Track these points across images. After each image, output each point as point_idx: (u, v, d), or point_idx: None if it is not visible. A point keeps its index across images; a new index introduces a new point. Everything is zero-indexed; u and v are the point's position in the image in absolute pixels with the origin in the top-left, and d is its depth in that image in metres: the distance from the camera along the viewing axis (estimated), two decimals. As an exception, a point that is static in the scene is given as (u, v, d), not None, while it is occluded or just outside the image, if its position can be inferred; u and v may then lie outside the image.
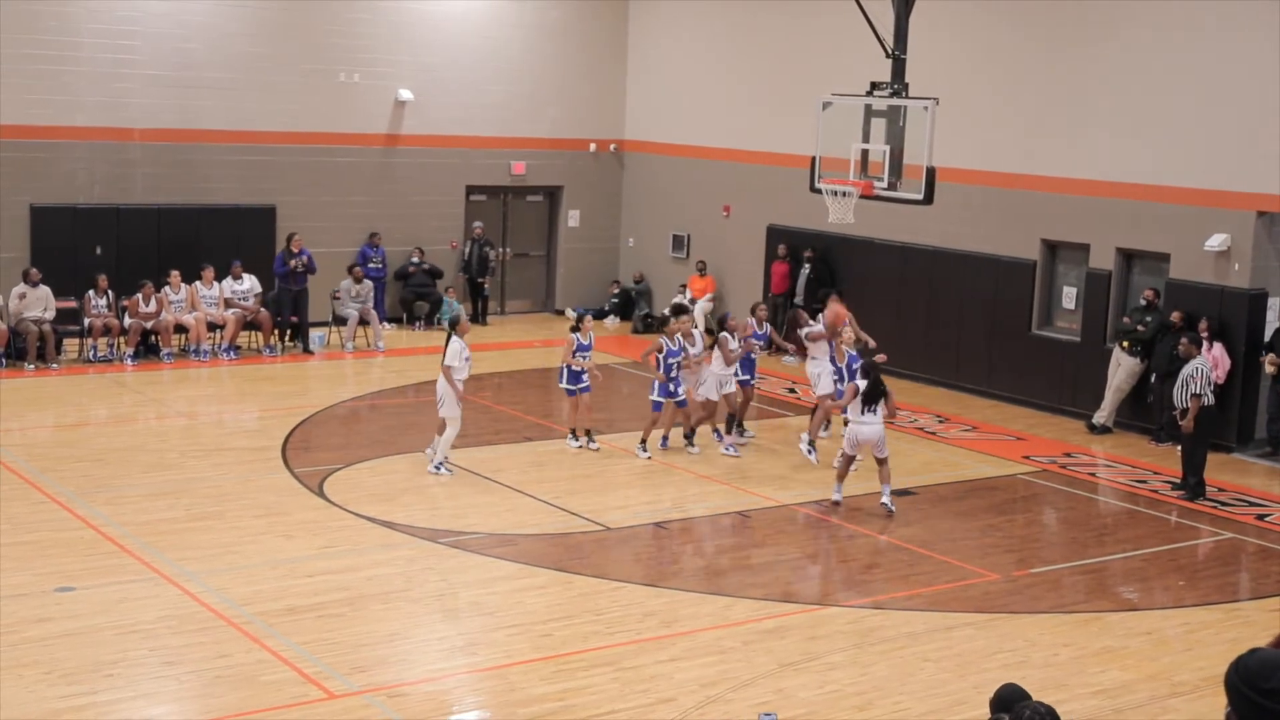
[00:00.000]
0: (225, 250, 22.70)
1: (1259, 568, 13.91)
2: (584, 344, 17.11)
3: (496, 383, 21.32)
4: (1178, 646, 11.52)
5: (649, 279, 26.75)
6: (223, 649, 10.59)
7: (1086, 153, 19.53)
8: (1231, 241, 18.02)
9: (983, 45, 20.87)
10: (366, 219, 24.67)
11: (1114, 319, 19.51)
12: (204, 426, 18.05)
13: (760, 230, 24.44)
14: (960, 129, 19.21)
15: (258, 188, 23.75)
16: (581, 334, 17.16)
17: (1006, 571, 13.28)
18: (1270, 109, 17.35)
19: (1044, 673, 10.71)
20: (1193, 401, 15.57)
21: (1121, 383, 18.93)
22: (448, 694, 10.17)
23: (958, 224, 20.89)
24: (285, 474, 15.63)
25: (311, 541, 13.29)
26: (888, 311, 21.35)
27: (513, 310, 27.17)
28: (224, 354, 21.79)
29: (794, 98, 22.34)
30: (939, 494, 15.86)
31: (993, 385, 20.86)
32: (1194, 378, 15.67)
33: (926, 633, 11.60)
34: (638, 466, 16.02)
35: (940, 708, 10.06)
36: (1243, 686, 4.09)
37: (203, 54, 23.14)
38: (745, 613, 11.89)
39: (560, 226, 27.26)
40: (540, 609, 11.79)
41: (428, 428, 17.99)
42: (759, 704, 9.94)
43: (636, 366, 22.38)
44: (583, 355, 17.05)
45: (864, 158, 16.62)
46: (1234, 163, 17.91)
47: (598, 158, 27.12)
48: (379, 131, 24.84)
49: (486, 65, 25.64)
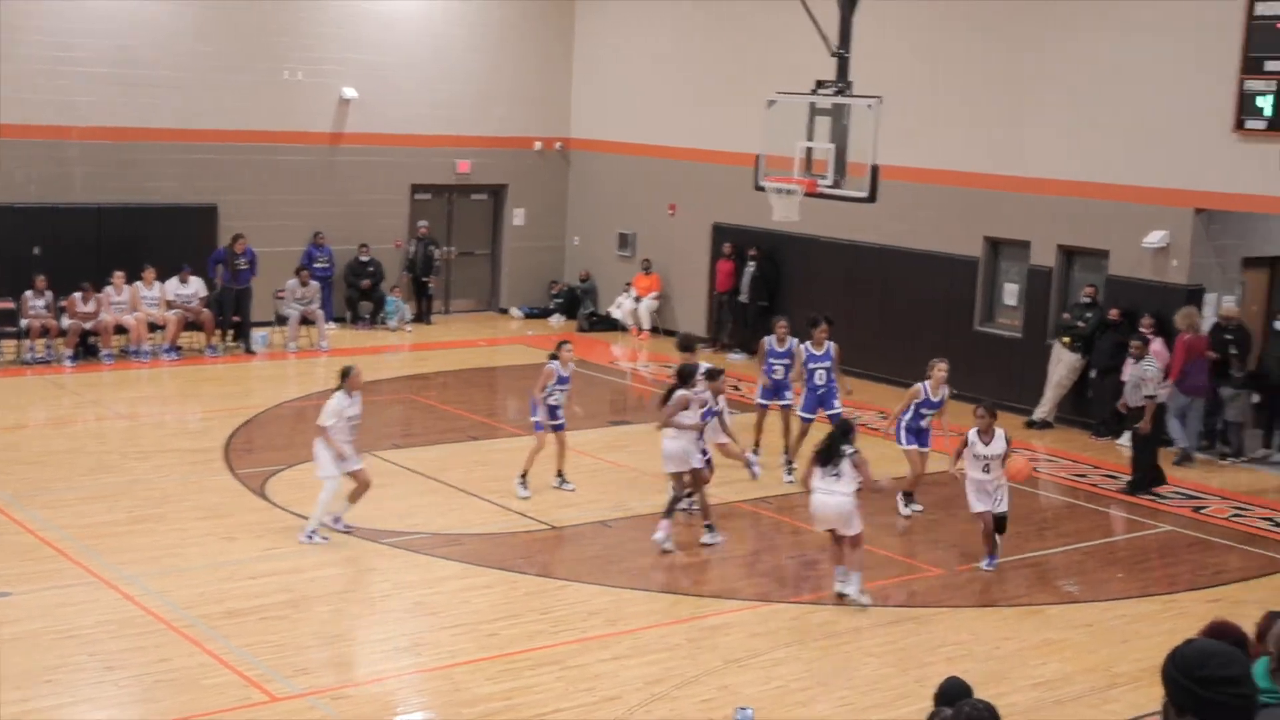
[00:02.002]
0: (167, 250, 22.47)
1: (1196, 560, 14.09)
2: (564, 375, 14.87)
3: (441, 382, 21.24)
4: (1116, 638, 11.65)
5: (594, 277, 26.73)
6: (164, 653, 10.49)
7: (1028, 151, 19.70)
8: (1170, 238, 18.23)
9: (926, 44, 21.01)
10: (311, 218, 24.50)
11: (1055, 315, 19.69)
12: (145, 428, 17.87)
13: (705, 228, 24.48)
14: (904, 127, 19.32)
15: (200, 186, 23.53)
16: (561, 364, 14.86)
17: (949, 566, 13.38)
18: (1208, 108, 17.56)
19: (986, 666, 10.79)
20: (1148, 403, 15.69)
21: (1062, 378, 19.11)
22: (392, 695, 10.12)
23: (901, 222, 21.01)
24: (227, 475, 15.50)
25: (254, 543, 13.18)
26: (832, 309, 21.36)
27: (457, 309, 27.07)
28: (165, 355, 21.57)
29: (739, 96, 22.39)
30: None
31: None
32: (1146, 379, 15.80)
33: (870, 627, 11.66)
34: (583, 466, 16.00)
35: (884, 701, 10.12)
36: (1179, 676, 4.15)
37: (145, 51, 22.88)
38: (690, 610, 11.92)
39: (505, 225, 27.19)
40: (485, 609, 11.76)
41: (372, 428, 17.89)
42: (704, 701, 9.97)
43: (584, 365, 22.37)
44: (561, 389, 14.92)
45: (808, 156, 16.67)
46: (1172, 160, 18.13)
47: (543, 156, 27.07)
48: (323, 130, 24.67)
49: (431, 63, 25.53)
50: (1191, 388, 17.45)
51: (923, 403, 14.58)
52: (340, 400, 13.32)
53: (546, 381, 14.76)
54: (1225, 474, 17.14)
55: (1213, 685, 4.09)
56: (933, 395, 14.53)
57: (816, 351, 15.90)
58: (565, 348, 14.95)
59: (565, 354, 14.87)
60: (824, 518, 12.04)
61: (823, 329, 15.89)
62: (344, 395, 13.36)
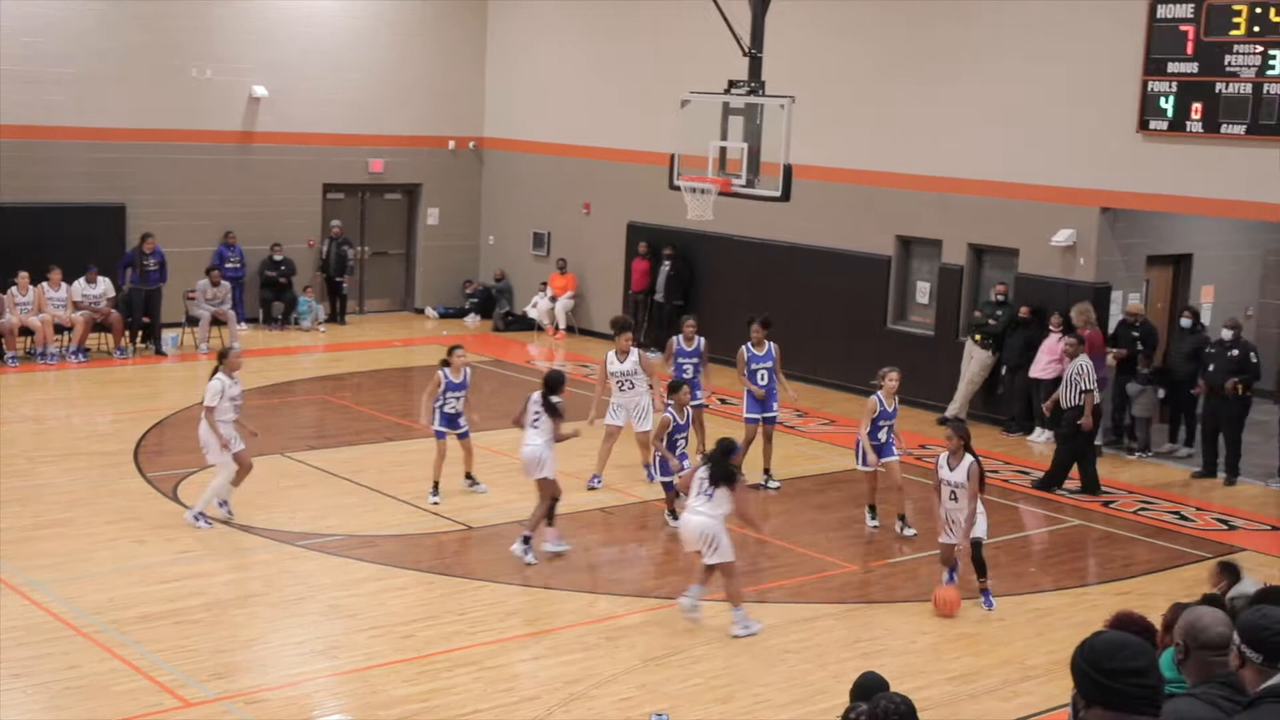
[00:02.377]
0: (73, 250, 22.04)
1: (1105, 553, 14.34)
2: (455, 382, 14.56)
3: (356, 383, 21.07)
4: (1028, 631, 11.83)
5: (510, 277, 26.65)
6: (72, 659, 10.31)
7: (939, 150, 19.93)
8: (1077, 237, 18.54)
9: (838, 45, 21.18)
10: (221, 218, 24.18)
11: (966, 313, 19.95)
12: (52, 431, 17.55)
13: (621, 227, 24.51)
14: (817, 127, 19.45)
15: (108, 186, 23.12)
16: (452, 371, 14.53)
17: (865, 562, 13.51)
18: (1113, 108, 17.88)
19: (901, 660, 10.92)
20: (1085, 398, 15.86)
21: (974, 375, 19.37)
22: (308, 698, 10.03)
23: (815, 221, 21.17)
24: (138, 479, 15.27)
25: (166, 547, 13.00)
26: (747, 307, 21.50)
27: (372, 309, 26.87)
28: (72, 357, 21.19)
29: (653, 95, 22.43)
30: (798, 487, 16.06)
31: (850, 379, 21.15)
32: (1080, 375, 15.98)
33: (787, 624, 11.75)
34: (499, 465, 15.94)
35: (801, 697, 10.20)
36: (1086, 667, 4.23)
37: (50, 48, 22.44)
38: (608, 608, 11.94)
39: (419, 224, 27.03)
40: (402, 610, 11.69)
41: (285, 430, 17.74)
42: (622, 699, 9.99)
43: (500, 365, 22.31)
44: (456, 395, 14.60)
45: (722, 155, 16.74)
46: (1079, 160, 18.44)
47: (457, 155, 26.95)
48: (233, 128, 24.36)
49: (342, 61, 25.31)
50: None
51: (879, 415, 14.19)
52: (222, 381, 13.48)
53: (435, 389, 14.53)
54: (1132, 469, 17.46)
55: (1120, 676, 4.17)
56: (887, 405, 14.21)
57: (758, 352, 15.69)
58: (456, 353, 14.64)
59: (456, 359, 14.56)
60: (688, 539, 11.41)
61: (757, 329, 15.69)
62: (224, 376, 13.53)
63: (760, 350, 15.71)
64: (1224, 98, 16.71)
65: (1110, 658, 4.19)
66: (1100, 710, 4.21)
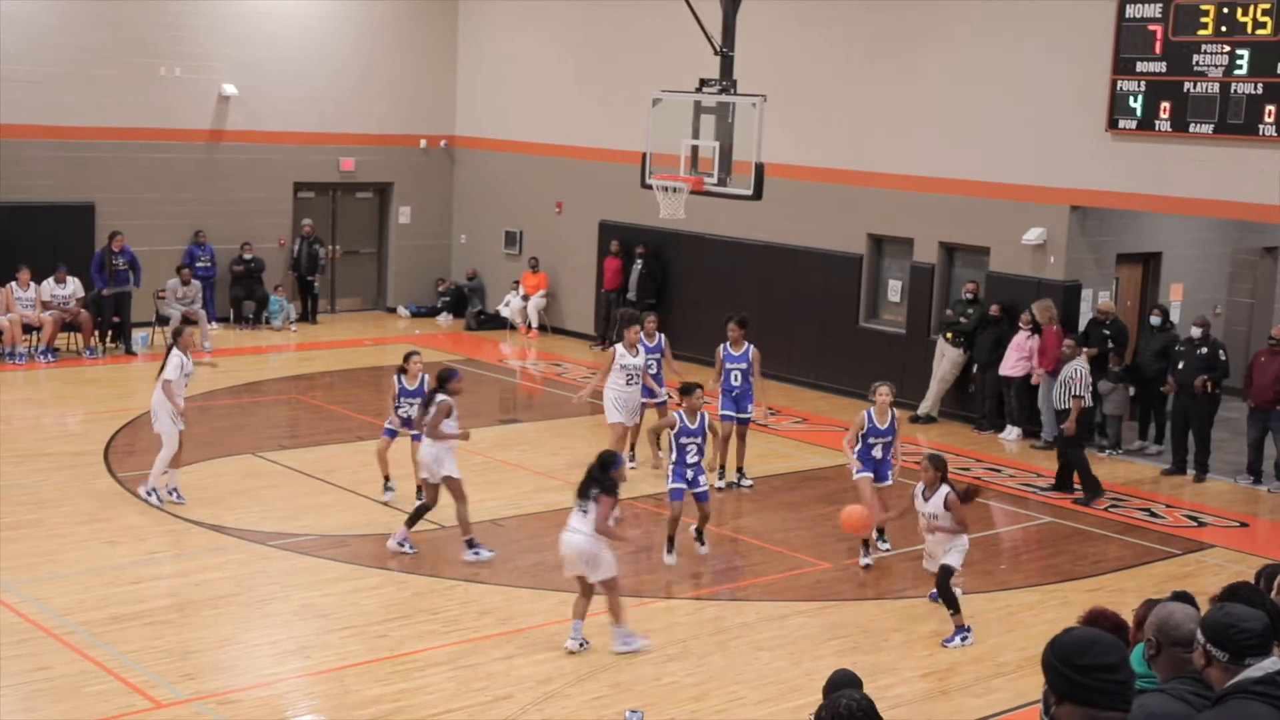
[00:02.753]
0: (41, 249, 21.93)
1: (1076, 550, 14.41)
2: (409, 389, 14.23)
3: (328, 381, 21.01)
4: (1000, 628, 11.88)
5: (482, 275, 26.61)
6: (42, 660, 10.26)
7: (910, 150, 20.00)
8: (1047, 235, 18.63)
9: (809, 44, 21.22)
10: (191, 217, 24.07)
11: (938, 311, 20.03)
12: (20, 431, 17.41)
13: (593, 226, 24.50)
14: (788, 126, 19.51)
15: (76, 185, 22.99)
16: (408, 377, 14.27)
17: (838, 560, 13.53)
18: (1082, 107, 17.97)
19: (874, 657, 10.95)
20: (1074, 403, 15.72)
21: (945, 373, 19.45)
22: (281, 699, 10.00)
23: (787, 219, 21.21)
24: (108, 479, 15.19)
25: (137, 547, 12.94)
26: (719, 306, 21.55)
27: (343, 308, 26.79)
28: (41, 356, 21.06)
29: (625, 94, 22.43)
30: (771, 485, 16.09)
31: (822, 377, 21.23)
32: (1073, 379, 15.86)
33: (760, 622, 11.77)
34: (473, 464, 15.91)
35: (775, 695, 10.22)
36: (1057, 663, 4.26)
37: (14, 46, 22.29)
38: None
39: (391, 223, 26.96)
40: (375, 610, 11.66)
41: (256, 429, 17.69)
42: (596, 698, 9.99)
43: (473, 364, 22.27)
44: (409, 401, 14.13)
45: (694, 154, 16.74)
46: (1049, 159, 18.53)
47: (428, 154, 26.89)
48: (202, 127, 24.24)
49: (313, 60, 25.22)
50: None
51: (868, 431, 13.28)
52: (178, 356, 14.19)
53: (390, 396, 14.34)
54: (1103, 466, 17.53)
55: (1091, 673, 4.20)
56: (878, 422, 13.25)
57: (734, 352, 15.59)
58: (413, 359, 14.36)
59: (413, 366, 14.28)
60: (567, 559, 10.79)
61: (734, 328, 15.58)
62: (180, 353, 14.24)
63: (737, 350, 15.66)
64: (1192, 97, 16.82)
65: (1081, 654, 4.23)
66: (1071, 706, 4.24)
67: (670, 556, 13.07)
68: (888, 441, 13.36)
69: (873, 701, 5.92)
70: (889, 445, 13.40)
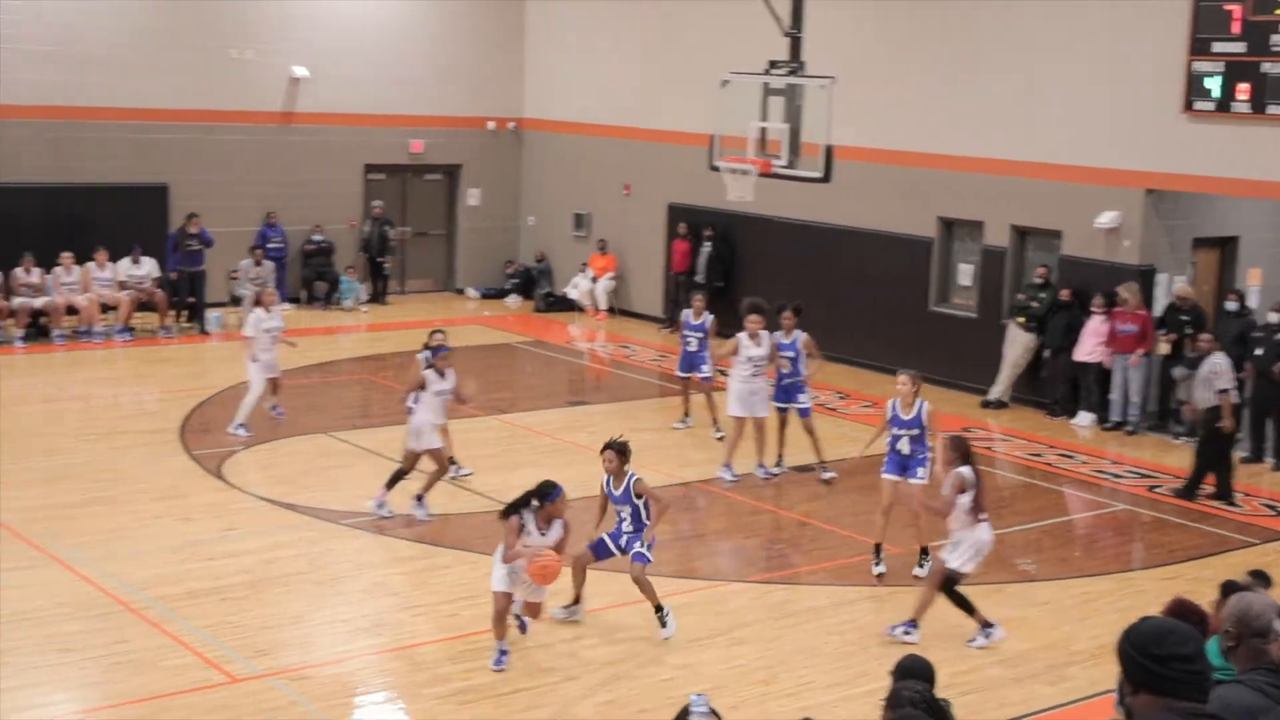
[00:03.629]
0: (117, 230, 22.27)
1: (1151, 538, 14.26)
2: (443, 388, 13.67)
3: (398, 362, 21.13)
4: (1074, 616, 11.77)
5: (550, 258, 26.69)
6: (121, 634, 10.44)
7: (982, 131, 19.80)
8: (1121, 219, 18.39)
9: (879, 24, 21.06)
10: (263, 198, 24.32)
11: (1009, 295, 19.84)
12: (99, 409, 17.72)
13: (661, 208, 24.48)
14: (858, 107, 19.37)
15: (149, 166, 23.30)
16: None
17: (908, 545, 13.45)
18: (1157, 89, 17.71)
19: (946, 644, 10.88)
20: (1222, 399, 15.20)
21: (1017, 358, 19.27)
22: (352, 676, 10.11)
23: (856, 202, 21.09)
24: (184, 456, 15.41)
25: (212, 524, 13.12)
26: (787, 289, 21.49)
27: (413, 289, 26.97)
28: (118, 335, 21.40)
29: (693, 76, 22.37)
30: (841, 470, 16.01)
31: (891, 361, 20.98)
32: (1217, 374, 15.35)
33: (830, 606, 11.74)
34: (540, 445, 16.00)
35: (844, 680, 10.20)
36: (1133, 652, 4.22)
37: (90, 29, 22.62)
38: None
39: (460, 205, 27.09)
40: (445, 589, 11.75)
41: (328, 409, 17.88)
42: (663, 680, 10.02)
43: (541, 345, 22.37)
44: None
45: (762, 136, 16.70)
46: (1124, 141, 18.28)
47: (497, 136, 26.97)
48: (273, 109, 24.46)
49: (384, 42, 25.37)
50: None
51: (892, 420, 12.54)
52: (259, 314, 16.32)
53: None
54: (1178, 452, 17.32)
55: (1168, 662, 4.17)
56: (901, 413, 12.47)
57: (785, 340, 15.37)
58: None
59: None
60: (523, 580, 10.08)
61: (789, 316, 15.30)
62: (262, 310, 16.35)
63: (787, 339, 15.43)
64: (1271, 78, 16.52)
65: (1158, 643, 4.19)
66: (1147, 695, 4.20)
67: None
68: (915, 435, 12.41)
69: (933, 696, 5.89)
70: (917, 439, 12.43)
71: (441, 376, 13.47)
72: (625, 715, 9.38)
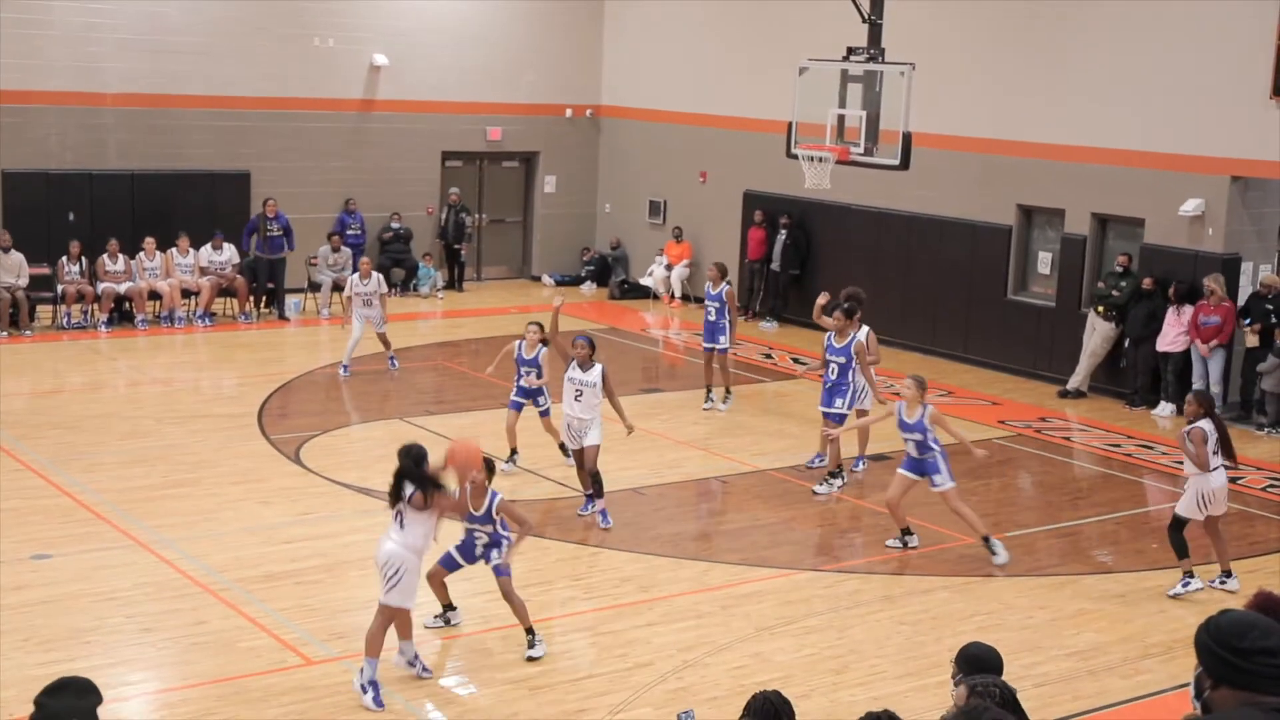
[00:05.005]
0: (200, 216, 22.60)
1: (1231, 530, 13.99)
2: (525, 358, 14.31)
3: (474, 349, 21.28)
4: (1150, 608, 11.62)
5: (625, 245, 26.72)
6: (200, 615, 10.59)
7: (1062, 118, 19.55)
8: (1205, 206, 18.09)
9: (959, 10, 20.84)
10: (342, 185, 24.56)
11: (1089, 284, 19.58)
12: (180, 393, 17.99)
13: (737, 196, 24.41)
14: (936, 94, 19.20)
15: (232, 153, 23.61)
16: (526, 347, 14.27)
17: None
18: (1244, 74, 17.38)
19: (1019, 635, 10.79)
20: None
21: (1096, 348, 19.02)
22: (426, 660, 10.17)
23: (934, 189, 20.91)
24: (262, 441, 15.60)
25: (289, 508, 13.28)
26: (863, 277, 21.35)
27: (489, 276, 27.11)
28: (199, 321, 21.71)
29: (771, 62, 22.28)
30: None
31: (969, 350, 20.92)
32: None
33: (902, 596, 11.67)
34: (613, 432, 15.99)
35: (916, 670, 10.13)
36: (1214, 646, 4.14)
37: (176, 17, 22.94)
38: (722, 577, 11.94)
39: (537, 192, 27.19)
40: (518, 574, 11.72)
41: (404, 395, 18.03)
42: (736, 668, 10.01)
43: (616, 333, 22.40)
44: (528, 370, 14.26)
45: (840, 123, 16.60)
46: (1208, 127, 17.96)
47: (574, 123, 27.02)
48: (354, 97, 24.69)
49: (462, 30, 25.49)
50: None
51: (900, 424, 12.48)
52: (354, 279, 18.91)
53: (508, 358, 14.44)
54: (1262, 444, 17.03)
55: (1251, 656, 4.08)
56: (906, 416, 12.39)
57: (836, 344, 14.50)
58: (531, 328, 14.32)
59: (530, 335, 14.26)
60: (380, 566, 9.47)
61: (837, 318, 14.39)
62: (355, 277, 18.92)
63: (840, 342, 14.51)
64: (1363, 63, 16.16)
65: (1240, 636, 4.11)
66: (1228, 690, 4.13)
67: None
68: (919, 440, 12.34)
69: (1014, 691, 5.82)
70: (920, 444, 12.37)
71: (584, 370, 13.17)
72: (696, 703, 9.37)
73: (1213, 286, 17.63)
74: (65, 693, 5.05)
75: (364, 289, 18.69)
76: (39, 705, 5.03)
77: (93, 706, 5.07)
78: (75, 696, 5.06)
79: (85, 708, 5.05)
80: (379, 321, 18.76)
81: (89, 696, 5.08)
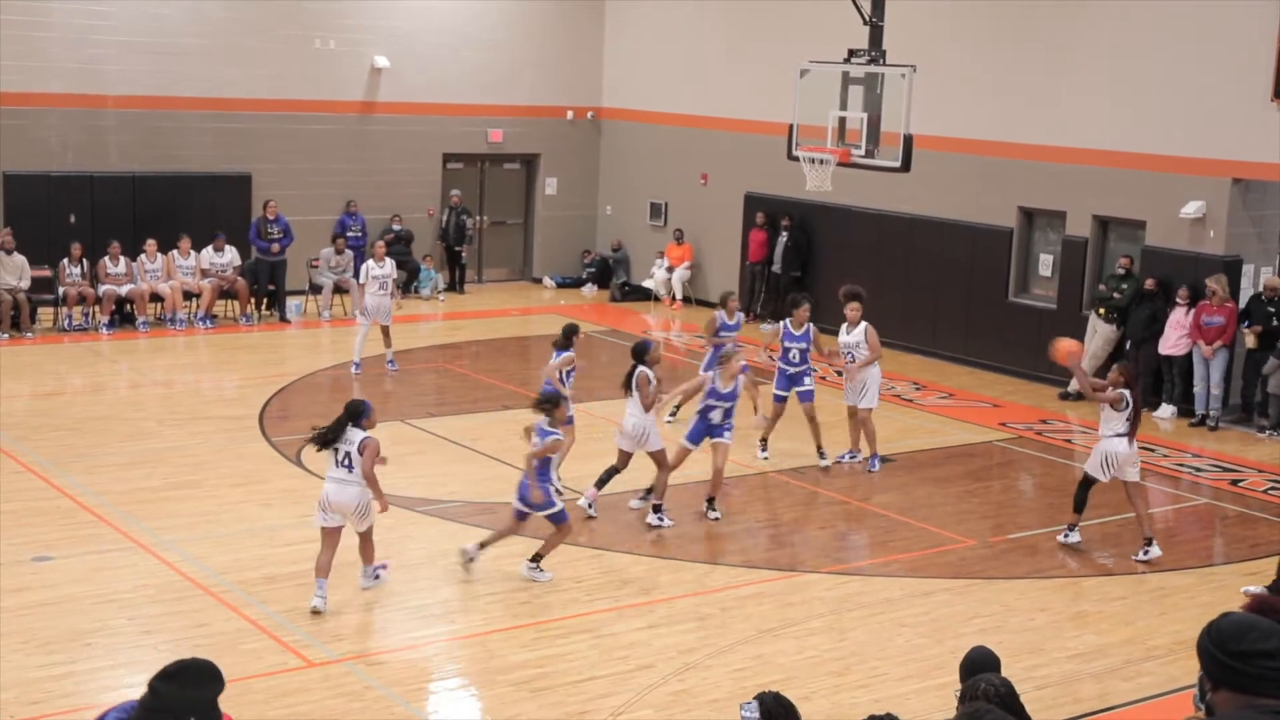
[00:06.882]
0: (201, 218, 22.60)
1: (1233, 532, 14.02)
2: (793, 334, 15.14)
3: (474, 351, 21.30)
4: (1152, 611, 11.61)
5: (627, 247, 26.72)
6: (201, 617, 10.59)
7: (1063, 120, 19.55)
8: (1207, 208, 18.08)
9: (960, 12, 20.84)
10: (343, 187, 24.56)
11: (1090, 286, 19.58)
12: (181, 395, 17.99)
13: (738, 198, 24.42)
14: (938, 96, 19.20)
15: (233, 155, 23.62)
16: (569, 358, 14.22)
17: (983, 537, 13.35)
18: (1245, 76, 17.38)
19: (1020, 637, 10.79)
20: None
21: (1097, 350, 19.01)
22: (427, 661, 10.19)
23: (935, 191, 20.91)
24: (263, 443, 15.60)
25: (290, 510, 13.27)
26: (865, 279, 21.33)
27: (490, 278, 27.12)
28: (200, 323, 21.71)
29: (772, 65, 22.28)
30: (916, 460, 15.92)
31: (969, 352, 20.92)
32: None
33: (904, 598, 11.67)
34: (612, 434, 15.97)
35: (917, 672, 10.13)
36: (1215, 649, 4.14)
37: (177, 19, 22.96)
38: (723, 579, 11.94)
39: (538, 194, 27.19)
40: (518, 576, 11.80)
41: (404, 396, 18.02)
42: (737, 670, 10.00)
43: (617, 335, 22.40)
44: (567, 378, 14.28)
45: (841, 125, 16.59)
46: (1210, 130, 17.96)
47: (575, 125, 27.03)
48: (355, 99, 24.70)
49: (463, 32, 25.50)
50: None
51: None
52: (371, 264, 18.82)
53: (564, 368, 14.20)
54: (1264, 447, 17.02)
55: (1250, 659, 4.08)
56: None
57: (794, 331, 15.23)
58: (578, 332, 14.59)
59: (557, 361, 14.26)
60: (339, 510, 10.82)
61: (804, 309, 15.21)
62: (372, 262, 18.86)
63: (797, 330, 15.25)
64: (1365, 65, 16.16)
65: (1239, 639, 4.10)
66: (1227, 692, 4.12)
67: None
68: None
69: (1012, 685, 5.83)
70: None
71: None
72: (697, 705, 9.37)
73: (1215, 287, 17.63)
74: (182, 679, 4.41)
75: (380, 272, 18.65)
76: (154, 691, 4.40)
77: (213, 697, 4.46)
78: (194, 685, 4.43)
79: (204, 699, 4.43)
80: (386, 314, 18.67)
81: (210, 686, 4.46)
